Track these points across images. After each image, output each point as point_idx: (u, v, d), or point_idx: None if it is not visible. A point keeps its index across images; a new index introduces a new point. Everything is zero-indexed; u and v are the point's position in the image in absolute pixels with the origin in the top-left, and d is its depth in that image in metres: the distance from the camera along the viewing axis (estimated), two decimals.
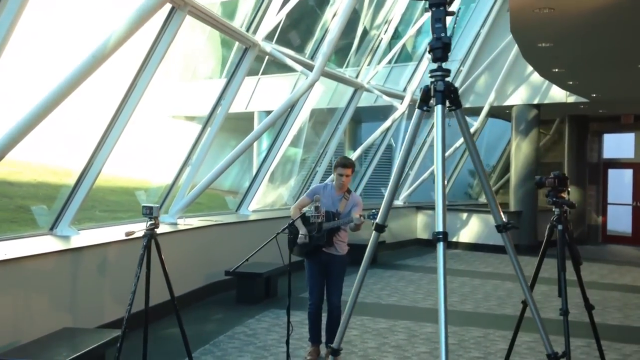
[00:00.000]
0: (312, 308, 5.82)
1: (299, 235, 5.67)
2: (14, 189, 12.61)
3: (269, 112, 16.80)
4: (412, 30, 11.72)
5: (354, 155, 12.00)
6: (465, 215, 14.49)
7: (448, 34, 2.38)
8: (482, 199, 18.80)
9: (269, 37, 8.63)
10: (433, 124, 9.88)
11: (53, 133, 14.75)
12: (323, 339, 5.89)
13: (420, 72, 11.69)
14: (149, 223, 3.09)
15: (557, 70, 9.80)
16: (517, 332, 4.80)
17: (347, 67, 12.48)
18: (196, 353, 5.90)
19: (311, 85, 8.23)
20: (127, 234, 3.11)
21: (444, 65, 2.36)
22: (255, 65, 14.38)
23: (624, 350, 6.39)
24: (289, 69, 9.34)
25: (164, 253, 5.25)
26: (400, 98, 11.88)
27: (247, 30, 8.18)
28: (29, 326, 5.15)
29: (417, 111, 2.55)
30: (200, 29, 11.99)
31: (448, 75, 2.36)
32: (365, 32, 12.21)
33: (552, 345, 2.73)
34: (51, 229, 6.57)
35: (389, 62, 15.27)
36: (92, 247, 6.23)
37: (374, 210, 5.44)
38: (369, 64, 11.67)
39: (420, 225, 14.86)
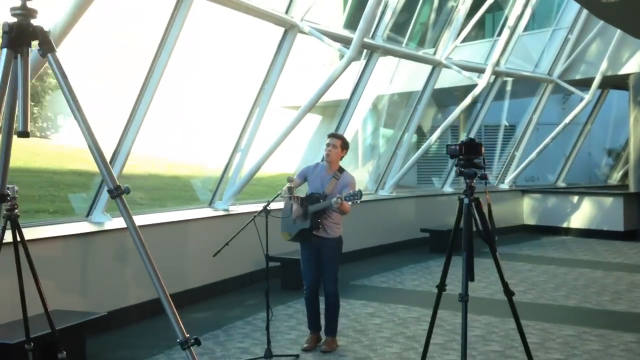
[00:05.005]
0: (306, 293, 5.56)
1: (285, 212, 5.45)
2: (120, 181, 13.45)
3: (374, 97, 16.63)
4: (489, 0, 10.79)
5: (432, 137, 11.40)
6: (576, 198, 13.21)
7: None
8: (611, 181, 17.10)
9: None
10: (539, 101, 9.05)
11: (174, 128, 15.67)
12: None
13: (501, 45, 10.76)
14: (8, 204, 3.07)
15: None
16: (434, 321, 4.27)
17: (430, 46, 11.85)
18: (200, 338, 5.89)
19: (348, 64, 7.87)
20: None
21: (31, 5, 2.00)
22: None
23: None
24: None
25: (217, 239, 5.32)
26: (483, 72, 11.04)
27: (287, 12, 8.01)
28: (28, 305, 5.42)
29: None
30: None
31: (33, 16, 2.01)
32: (442, 5, 11.52)
33: (183, 331, 2.32)
34: (87, 215, 6.93)
35: (491, 36, 14.32)
36: (109, 231, 6.47)
37: (351, 192, 5.10)
38: (445, 40, 10.97)
39: (527, 210, 13.78)
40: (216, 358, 5.34)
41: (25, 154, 13.89)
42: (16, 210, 3.16)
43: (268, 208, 5.19)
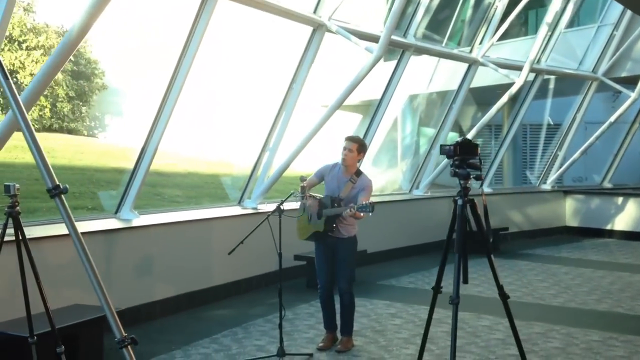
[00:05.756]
0: (321, 292, 5.57)
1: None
2: (160, 179, 13.74)
3: (414, 96, 16.48)
4: None
5: (468, 136, 11.20)
6: (621, 199, 12.77)
7: None
8: None
9: None
10: (583, 99, 8.91)
11: (209, 128, 15.90)
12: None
13: (539, 42, 10.45)
14: (9, 202, 3.15)
15: None
16: (430, 322, 4.29)
17: (468, 44, 11.64)
18: (219, 334, 5.97)
19: (375, 63, 7.81)
20: None
21: None
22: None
23: None
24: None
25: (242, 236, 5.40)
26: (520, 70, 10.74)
27: (315, 12, 8.01)
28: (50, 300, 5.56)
29: None
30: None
31: None
32: (479, 2, 11.30)
33: (121, 331, 2.30)
34: (115, 212, 7.08)
35: (534, 33, 13.95)
36: (135, 228, 6.60)
37: (364, 203, 5.03)
38: (482, 38, 10.75)
39: (569, 211, 13.40)
40: (231, 355, 5.38)
41: (69, 152, 14.33)
42: (17, 208, 3.25)
43: (282, 207, 5.20)
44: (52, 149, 14.09)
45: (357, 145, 5.41)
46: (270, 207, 8.47)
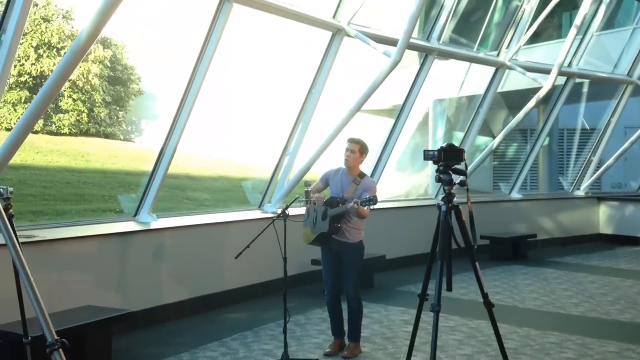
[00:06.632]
0: (328, 298, 5.54)
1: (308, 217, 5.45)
2: (191, 182, 13.92)
3: (445, 100, 16.32)
4: None
5: (494, 142, 11.05)
6: None
7: None
8: None
9: None
10: (617, 103, 8.75)
11: (240, 131, 16.05)
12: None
13: (567, 45, 10.20)
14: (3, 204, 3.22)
15: None
16: (416, 329, 4.44)
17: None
18: (228, 338, 5.99)
19: (393, 67, 7.75)
20: None
21: None
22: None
23: None
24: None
25: (262, 241, 5.44)
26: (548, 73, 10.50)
27: (334, 17, 8.01)
28: (63, 301, 5.68)
29: None
30: None
31: None
32: (507, 5, 11.12)
33: (53, 334, 2.28)
34: (134, 215, 7.19)
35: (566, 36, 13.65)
36: (151, 231, 6.70)
37: (367, 196, 5.03)
38: (510, 41, 10.56)
39: (603, 218, 13.05)
40: (238, 358, 5.41)
41: (103, 156, 14.64)
42: (10, 210, 3.32)
43: (287, 212, 5.22)
44: (87, 152, 14.41)
45: (359, 147, 5.40)
46: (291, 211, 8.56)
